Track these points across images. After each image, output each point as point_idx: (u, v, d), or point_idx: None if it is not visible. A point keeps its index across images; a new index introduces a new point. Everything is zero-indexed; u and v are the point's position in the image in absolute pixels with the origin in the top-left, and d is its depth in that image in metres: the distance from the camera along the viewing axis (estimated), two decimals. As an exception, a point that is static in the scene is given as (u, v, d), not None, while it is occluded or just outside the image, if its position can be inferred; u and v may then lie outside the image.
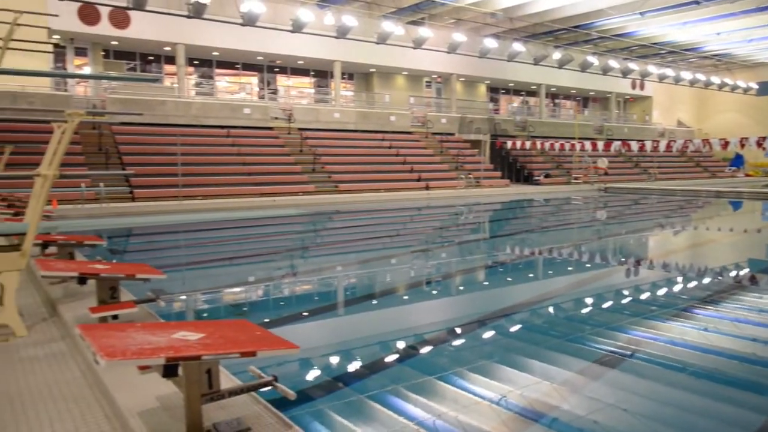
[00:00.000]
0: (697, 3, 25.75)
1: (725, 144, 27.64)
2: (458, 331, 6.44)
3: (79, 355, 4.20)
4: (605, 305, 7.70)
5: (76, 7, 22.27)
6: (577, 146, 30.87)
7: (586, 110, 45.81)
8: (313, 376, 4.96)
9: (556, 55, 32.67)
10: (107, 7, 22.87)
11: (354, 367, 5.31)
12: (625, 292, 8.58)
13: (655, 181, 33.86)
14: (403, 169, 26.92)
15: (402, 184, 25.43)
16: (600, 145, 30.94)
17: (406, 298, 8.28)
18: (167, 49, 26.49)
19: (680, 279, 9.39)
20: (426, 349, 5.80)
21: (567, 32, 32.26)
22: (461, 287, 9.18)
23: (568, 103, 45.52)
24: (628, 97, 45.96)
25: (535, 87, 38.92)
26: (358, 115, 29.58)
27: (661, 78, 39.21)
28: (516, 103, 41.66)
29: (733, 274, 9.83)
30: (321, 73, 32.65)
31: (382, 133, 29.23)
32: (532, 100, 41.60)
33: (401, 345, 5.96)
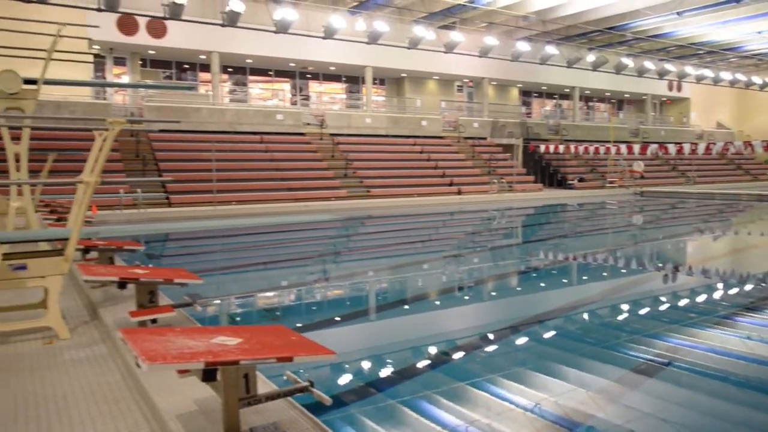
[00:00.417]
0: (737, 1, 25.09)
1: (768, 146, 26.86)
2: (491, 337, 6.39)
3: (119, 357, 4.30)
4: (642, 312, 7.54)
5: (115, 19, 22.92)
6: (612, 149, 30.35)
7: (621, 113, 45.03)
8: (345, 380, 4.99)
9: (590, 58, 32.23)
10: (145, 18, 23.48)
11: (386, 373, 5.32)
12: (663, 299, 8.40)
13: (694, 185, 33.06)
14: (435, 174, 26.86)
15: (434, 189, 25.38)
16: (636, 148, 30.36)
17: (439, 303, 8.26)
18: (202, 57, 27.03)
19: (721, 285, 9.14)
20: (458, 355, 5.78)
21: (601, 34, 31.80)
22: (494, 293, 9.11)
23: (602, 106, 44.82)
24: (664, 98, 45.02)
25: (568, 90, 38.43)
26: (390, 120, 29.64)
27: (700, 79, 38.32)
28: (549, 107, 41.22)
29: (777, 281, 9.54)
30: (352, 79, 32.85)
31: (413, 138, 29.24)
32: (565, 103, 41.09)
33: (434, 351, 5.95)
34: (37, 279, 4.75)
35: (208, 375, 2.64)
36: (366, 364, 5.52)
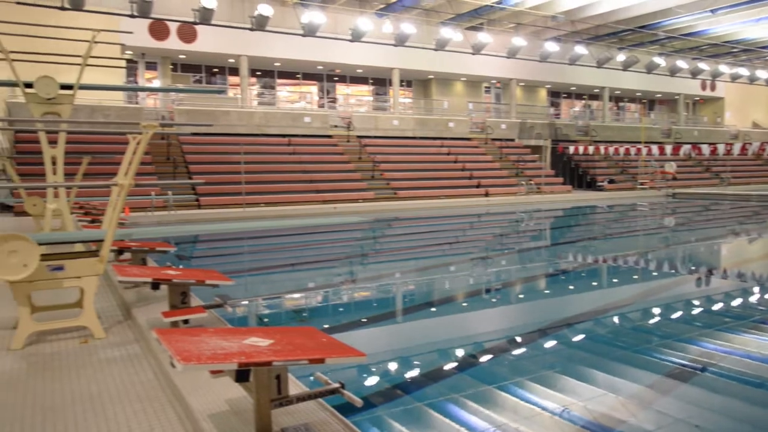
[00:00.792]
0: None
1: (805, 146, 26.13)
2: (519, 340, 6.35)
3: (153, 357, 4.39)
4: (674, 316, 7.41)
5: (147, 24, 23.39)
6: (643, 150, 29.83)
7: (653, 113, 44.24)
8: (372, 382, 5.01)
9: (620, 57, 31.74)
10: (175, 23, 23.92)
11: (414, 375, 5.33)
12: (696, 302, 8.24)
13: (728, 186, 32.30)
14: (462, 176, 26.76)
15: (461, 190, 25.28)
16: (668, 149, 29.80)
17: (467, 305, 8.23)
18: (231, 61, 27.39)
19: (756, 289, 8.93)
20: (486, 358, 5.75)
21: (632, 33, 31.32)
22: (522, 295, 9.04)
23: (633, 106, 44.10)
24: (697, 98, 44.10)
25: (597, 90, 37.91)
26: (417, 122, 29.63)
27: (734, 78, 37.42)
28: (578, 107, 40.71)
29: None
30: (379, 81, 32.93)
31: (440, 140, 29.17)
32: (595, 103, 40.53)
33: (461, 353, 5.93)
34: (73, 279, 4.87)
35: (241, 376, 2.68)
36: (392, 366, 5.54)
